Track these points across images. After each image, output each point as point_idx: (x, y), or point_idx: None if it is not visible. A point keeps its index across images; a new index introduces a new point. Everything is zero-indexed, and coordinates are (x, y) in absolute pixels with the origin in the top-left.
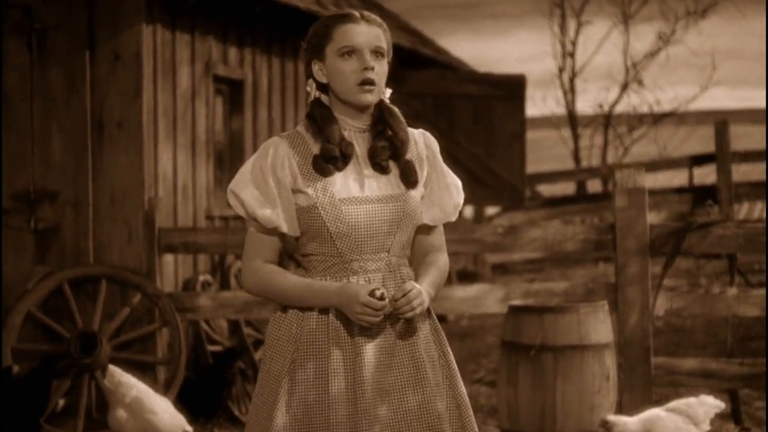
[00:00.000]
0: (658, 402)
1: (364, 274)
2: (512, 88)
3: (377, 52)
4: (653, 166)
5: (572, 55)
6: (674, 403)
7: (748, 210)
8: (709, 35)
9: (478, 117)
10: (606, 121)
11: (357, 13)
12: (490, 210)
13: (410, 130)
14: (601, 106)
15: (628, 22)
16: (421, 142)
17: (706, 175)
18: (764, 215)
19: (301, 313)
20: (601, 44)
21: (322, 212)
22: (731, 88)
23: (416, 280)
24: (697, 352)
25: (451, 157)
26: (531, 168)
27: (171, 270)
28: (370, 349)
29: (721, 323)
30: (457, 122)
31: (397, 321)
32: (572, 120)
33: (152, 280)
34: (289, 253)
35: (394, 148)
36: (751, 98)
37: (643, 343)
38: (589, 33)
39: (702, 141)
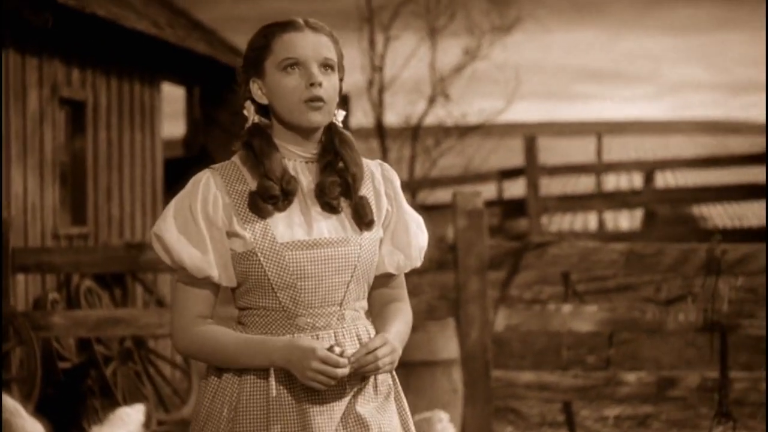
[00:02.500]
0: (498, 414)
1: (312, 330)
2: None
3: (326, 65)
4: (461, 179)
5: (381, 69)
6: (416, 418)
7: (558, 223)
8: (514, 50)
9: None
10: (414, 134)
11: (300, 20)
12: None
13: (366, 160)
14: (408, 119)
15: (435, 37)
16: (378, 175)
17: (515, 188)
18: (573, 228)
19: (237, 377)
20: (409, 59)
21: (262, 259)
22: (535, 101)
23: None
24: (533, 366)
25: None
26: None
27: (22, 289)
28: (320, 420)
29: (556, 338)
30: None
31: (354, 384)
32: (381, 133)
33: (6, 299)
34: (133, 273)
35: (346, 183)
36: (555, 111)
37: (483, 358)
38: (397, 47)
39: (509, 153)
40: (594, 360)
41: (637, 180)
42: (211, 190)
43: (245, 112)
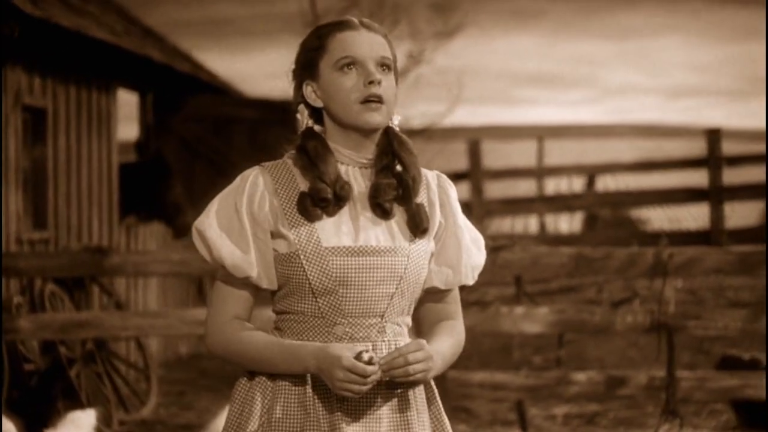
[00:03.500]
0: (451, 413)
1: (349, 341)
2: (286, 112)
3: (383, 64)
4: None
5: None
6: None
7: (498, 225)
8: (457, 56)
9: (255, 140)
10: None
11: (355, 20)
12: None
13: (423, 170)
14: None
15: None
16: (434, 185)
17: (459, 191)
18: (514, 231)
19: (270, 382)
20: None
21: (305, 262)
22: (478, 105)
23: None
24: (480, 366)
25: (231, 179)
26: None
27: None
28: (351, 430)
29: (501, 339)
30: (235, 145)
31: (389, 394)
32: None
33: None
34: (93, 276)
35: (404, 187)
36: (497, 115)
37: None
38: None
39: (452, 157)
40: (540, 360)
41: (577, 183)
42: (258, 188)
43: (298, 116)
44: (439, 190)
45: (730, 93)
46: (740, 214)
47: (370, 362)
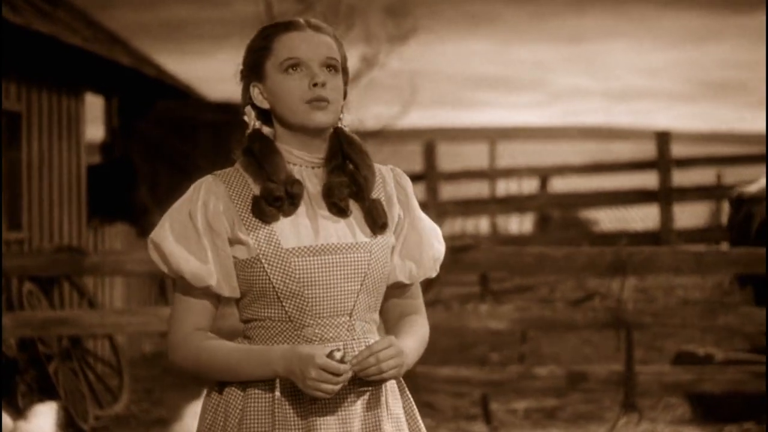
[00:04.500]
0: (419, 407)
1: (320, 342)
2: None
3: (329, 65)
4: None
5: None
6: None
7: (450, 226)
8: (410, 59)
9: (218, 143)
10: None
11: (301, 20)
12: None
13: (377, 165)
14: None
15: None
16: (391, 180)
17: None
18: (465, 232)
19: (241, 392)
20: None
21: (266, 266)
22: (431, 108)
23: None
24: (441, 363)
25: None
26: None
27: None
28: None
29: (460, 336)
30: (199, 148)
31: (359, 393)
32: None
33: None
34: (68, 275)
35: (357, 185)
36: (449, 117)
37: None
38: None
39: (407, 158)
40: (499, 357)
41: (528, 185)
42: (211, 196)
43: (245, 118)
44: (395, 184)
45: (676, 96)
46: (690, 215)
47: (342, 361)
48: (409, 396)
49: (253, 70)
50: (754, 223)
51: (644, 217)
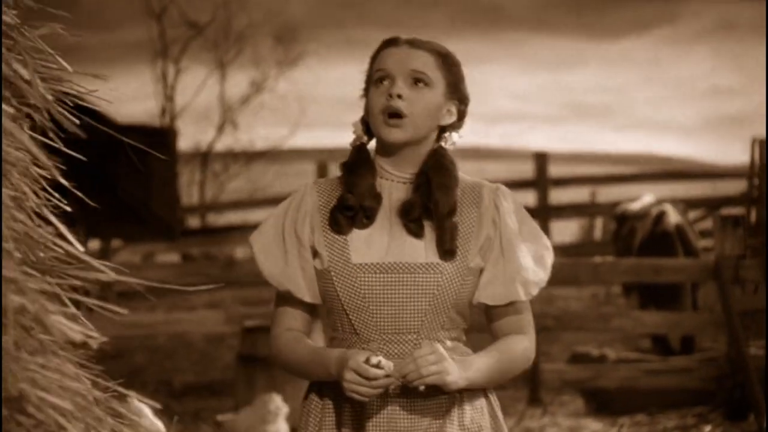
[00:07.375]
0: None
1: (386, 358)
2: (164, 137)
3: (416, 79)
4: (249, 203)
5: (172, 98)
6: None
7: None
8: (298, 82)
9: (141, 164)
10: (203, 160)
11: (403, 37)
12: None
13: (479, 183)
14: (198, 145)
15: (224, 69)
16: (488, 200)
17: None
18: None
19: (319, 400)
20: (200, 89)
21: (335, 279)
22: (318, 129)
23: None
24: None
25: (114, 198)
26: None
27: None
28: None
29: None
30: (121, 169)
31: (425, 408)
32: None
33: None
34: None
35: (433, 206)
36: (336, 138)
37: None
38: (187, 78)
39: (298, 177)
40: None
41: None
42: (303, 205)
43: (353, 131)
44: (491, 204)
45: (545, 119)
46: (561, 231)
47: (378, 366)
48: (499, 417)
49: (365, 83)
50: (636, 238)
51: None
